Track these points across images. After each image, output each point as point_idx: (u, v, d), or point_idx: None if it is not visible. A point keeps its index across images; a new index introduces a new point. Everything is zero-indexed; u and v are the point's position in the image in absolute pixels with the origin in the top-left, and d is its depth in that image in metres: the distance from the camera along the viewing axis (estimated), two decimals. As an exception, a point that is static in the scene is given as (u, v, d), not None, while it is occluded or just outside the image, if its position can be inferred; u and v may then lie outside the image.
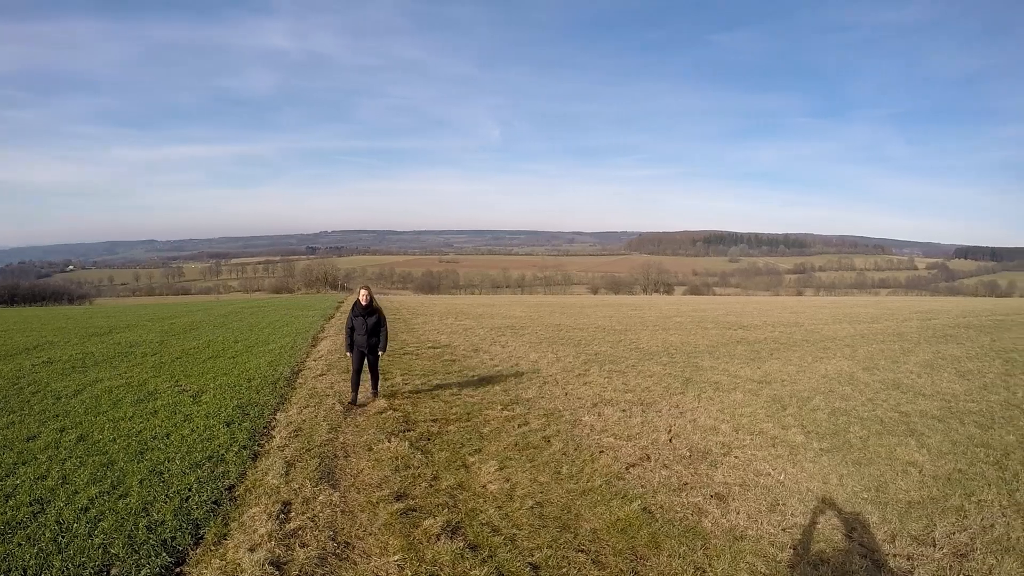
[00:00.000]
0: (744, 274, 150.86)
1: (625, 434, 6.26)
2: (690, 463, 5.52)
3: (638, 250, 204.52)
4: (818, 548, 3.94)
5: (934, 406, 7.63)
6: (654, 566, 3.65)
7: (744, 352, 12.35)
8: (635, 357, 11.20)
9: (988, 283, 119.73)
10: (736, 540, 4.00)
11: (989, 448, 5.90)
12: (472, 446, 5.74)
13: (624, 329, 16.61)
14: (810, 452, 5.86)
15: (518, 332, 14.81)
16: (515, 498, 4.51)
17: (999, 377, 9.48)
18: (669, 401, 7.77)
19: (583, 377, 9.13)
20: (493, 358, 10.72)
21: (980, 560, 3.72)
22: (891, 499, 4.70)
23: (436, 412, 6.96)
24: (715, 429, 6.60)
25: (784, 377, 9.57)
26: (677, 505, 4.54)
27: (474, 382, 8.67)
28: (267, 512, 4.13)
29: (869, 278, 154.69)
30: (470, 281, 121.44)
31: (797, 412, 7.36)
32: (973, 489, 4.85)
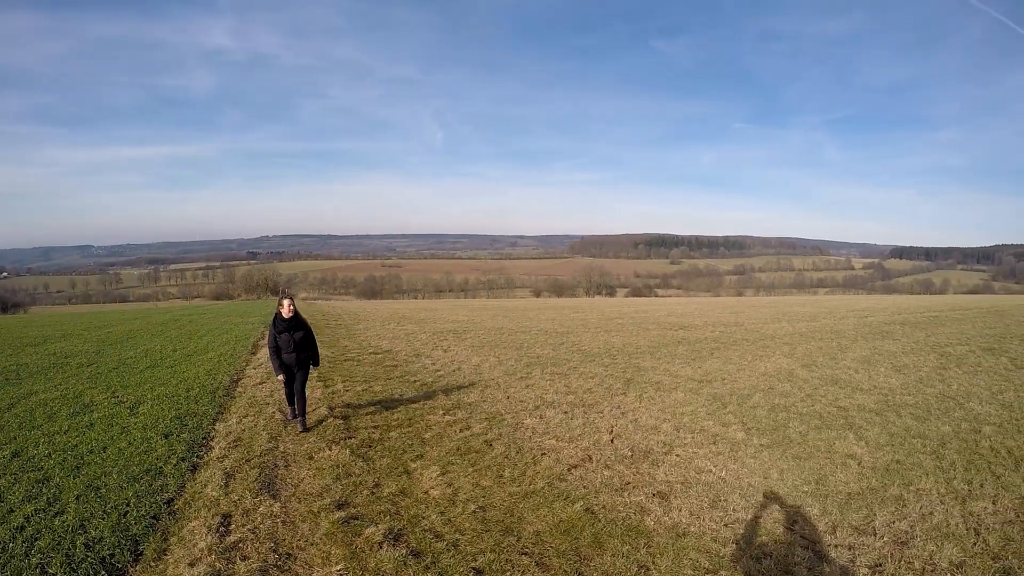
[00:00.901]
0: (685, 276, 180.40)
1: (567, 436, 7.48)
2: (632, 463, 6.58)
3: (580, 253, 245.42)
4: (760, 542, 4.87)
5: (871, 400, 9.38)
6: (598, 566, 4.38)
7: (685, 352, 14.38)
8: (577, 359, 13.17)
9: (923, 281, 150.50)
10: (679, 537, 4.87)
11: (926, 439, 7.45)
12: (414, 452, 6.77)
13: (566, 331, 19.03)
14: (751, 448, 7.11)
15: (460, 336, 17.26)
16: (458, 503, 5.35)
17: (934, 371, 11.72)
18: (611, 402, 9.27)
19: (525, 380, 10.80)
20: (435, 363, 12.57)
21: (920, 547, 4.71)
22: (831, 491, 5.87)
23: (377, 418, 8.23)
24: (656, 428, 7.86)
25: (725, 375, 11.35)
26: (619, 504, 5.46)
27: (416, 387, 10.17)
28: (207, 525, 4.81)
29: (808, 278, 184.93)
30: (413, 285, 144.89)
31: (737, 409, 8.83)
32: (911, 479, 6.15)
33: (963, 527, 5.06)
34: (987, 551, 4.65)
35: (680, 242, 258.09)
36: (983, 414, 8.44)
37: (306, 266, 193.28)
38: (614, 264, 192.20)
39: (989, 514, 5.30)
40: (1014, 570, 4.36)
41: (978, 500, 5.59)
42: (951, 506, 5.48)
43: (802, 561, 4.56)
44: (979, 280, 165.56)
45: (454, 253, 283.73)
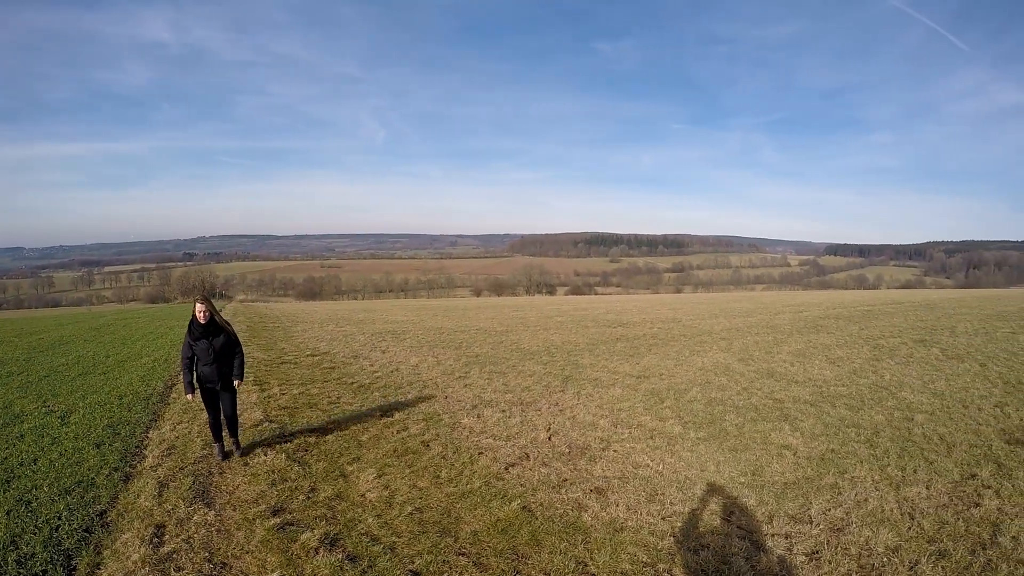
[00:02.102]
0: (625, 273, 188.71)
1: (504, 434, 7.71)
2: (569, 459, 6.77)
3: (520, 252, 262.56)
4: (698, 533, 5.05)
5: (806, 392, 9.82)
6: (536, 564, 4.49)
7: (623, 348, 14.85)
8: (516, 357, 13.52)
9: (857, 277, 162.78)
10: (616, 532, 5.02)
11: (860, 428, 7.85)
12: (351, 455, 6.91)
13: (505, 330, 19.51)
14: (687, 442, 7.37)
15: (399, 337, 17.60)
16: (394, 505, 5.49)
17: (867, 362, 12.35)
18: (549, 399, 9.50)
19: (463, 379, 11.11)
20: (373, 364, 12.84)
21: (856, 533, 4.96)
22: (767, 482, 6.13)
23: (314, 422, 8.33)
24: (594, 425, 8.10)
25: (662, 371, 11.72)
26: (557, 502, 5.62)
27: (353, 389, 10.35)
28: (140, 537, 4.86)
29: (745, 275, 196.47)
30: (352, 286, 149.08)
31: (674, 404, 9.13)
32: (846, 467, 6.47)
33: (898, 512, 5.34)
34: (922, 535, 4.91)
35: (620, 241, 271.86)
36: (915, 403, 8.94)
37: (244, 267, 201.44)
38: (554, 263, 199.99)
39: (923, 499, 5.61)
40: (949, 552, 4.62)
41: (912, 486, 5.90)
42: (886, 492, 5.78)
43: (739, 551, 4.72)
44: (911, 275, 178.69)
45: (394, 253, 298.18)
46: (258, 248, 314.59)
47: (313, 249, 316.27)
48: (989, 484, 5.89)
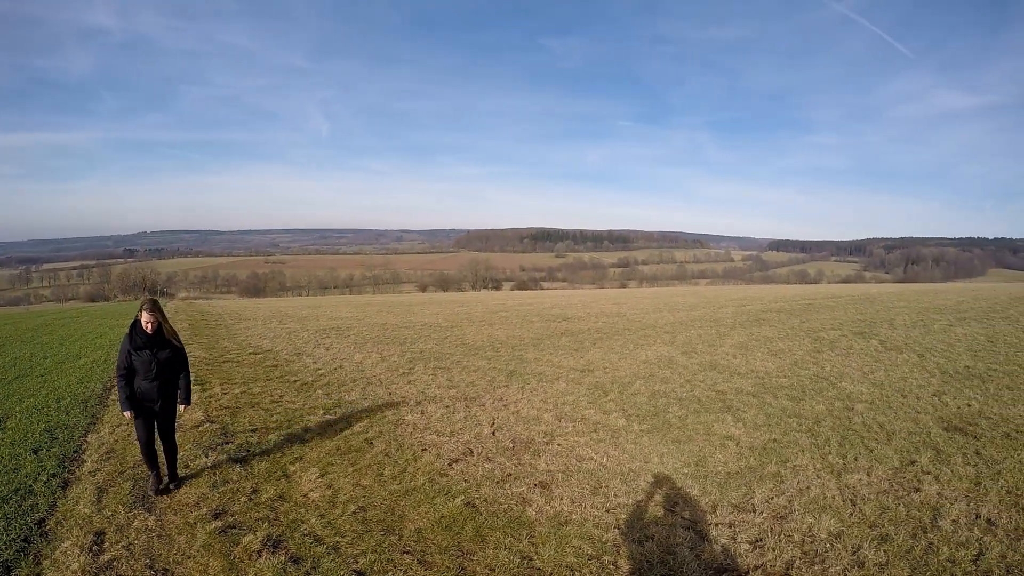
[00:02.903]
0: (570, 269, 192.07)
1: (448, 430, 7.78)
2: (513, 454, 6.86)
3: (466, 247, 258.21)
4: (643, 525, 5.14)
5: (749, 383, 10.10)
6: (481, 560, 4.54)
7: (568, 343, 15.05)
8: (460, 353, 13.68)
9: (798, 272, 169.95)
10: (561, 525, 5.10)
11: (801, 418, 8.12)
12: (293, 454, 6.92)
13: (450, 326, 19.67)
14: (631, 434, 7.52)
15: (343, 333, 17.72)
16: (337, 504, 5.53)
17: (808, 354, 12.76)
18: (493, 394, 9.58)
19: (407, 376, 11.22)
20: (316, 361, 12.93)
21: (799, 520, 5.16)
22: (710, 472, 6.30)
23: (256, 421, 8.27)
24: (538, 419, 8.20)
25: (606, 365, 11.89)
26: (501, 497, 5.70)
27: (296, 387, 10.38)
28: (80, 545, 4.80)
29: (689, 270, 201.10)
30: (297, 282, 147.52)
31: (618, 397, 9.29)
32: (788, 456, 6.69)
33: (840, 499, 5.54)
34: (864, 520, 5.10)
35: (566, 236, 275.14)
36: (855, 393, 9.27)
37: (186, 264, 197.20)
38: (500, 258, 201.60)
39: (864, 485, 5.83)
40: (891, 536, 4.80)
41: (853, 473, 6.13)
42: (827, 480, 5.98)
43: (684, 541, 4.82)
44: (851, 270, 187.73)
45: (339, 248, 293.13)
46: (201, 244, 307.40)
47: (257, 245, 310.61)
48: (928, 470, 6.15)
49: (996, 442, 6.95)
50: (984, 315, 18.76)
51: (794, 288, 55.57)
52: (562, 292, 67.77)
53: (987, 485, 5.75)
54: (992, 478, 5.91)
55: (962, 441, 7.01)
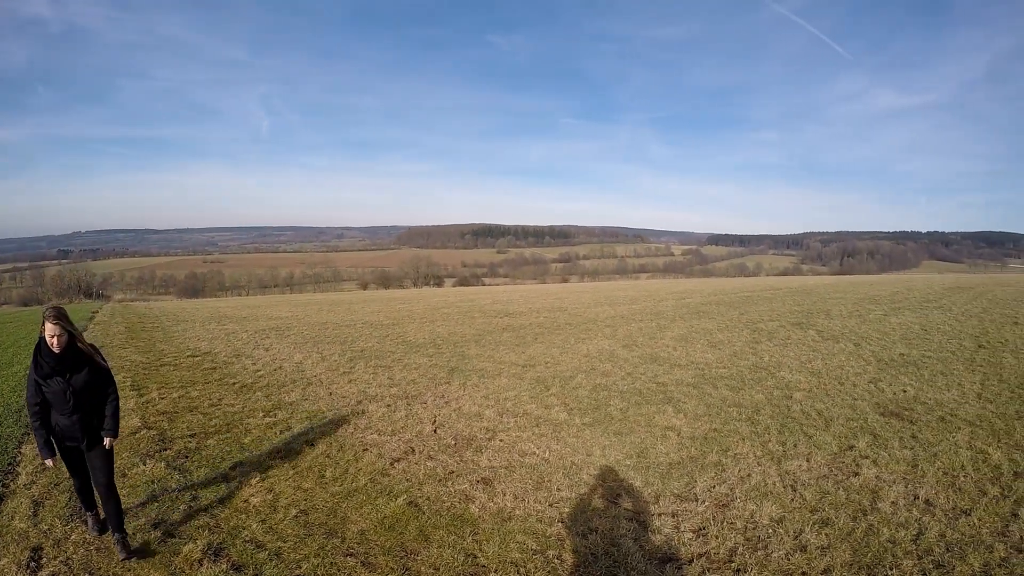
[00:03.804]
0: (512, 264, 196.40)
1: (389, 429, 7.79)
2: (455, 451, 6.89)
3: (408, 244, 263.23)
4: (586, 518, 5.20)
5: (689, 374, 10.34)
6: (425, 559, 4.55)
7: (510, 338, 15.18)
8: (402, 350, 13.69)
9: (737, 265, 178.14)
10: (504, 521, 5.14)
11: (741, 407, 8.36)
12: (232, 459, 6.83)
13: (391, 323, 19.70)
14: (573, 428, 7.61)
15: (283, 333, 17.65)
16: (279, 509, 5.50)
17: (747, 345, 13.14)
18: (435, 392, 9.62)
19: (348, 375, 11.21)
20: (256, 363, 12.85)
21: (741, 507, 5.32)
22: (652, 463, 6.43)
23: (194, 426, 8.14)
24: (480, 415, 8.25)
25: (548, 359, 12.02)
26: (444, 495, 5.71)
27: (235, 390, 10.26)
28: (16, 562, 4.68)
29: (630, 264, 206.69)
30: (236, 282, 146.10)
31: (560, 391, 9.39)
32: (729, 445, 6.88)
33: (780, 485, 5.72)
34: (805, 505, 5.28)
35: (508, 232, 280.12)
36: (793, 382, 9.60)
37: (122, 264, 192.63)
38: (442, 254, 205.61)
39: (804, 471, 6.03)
40: (832, 520, 4.98)
41: (793, 459, 6.34)
42: (768, 467, 6.17)
43: (628, 533, 4.91)
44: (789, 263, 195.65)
45: (279, 247, 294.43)
46: (137, 243, 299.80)
47: (195, 244, 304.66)
48: (866, 454, 6.42)
49: (931, 426, 7.31)
50: (918, 305, 19.74)
51: (733, 281, 57.26)
52: (504, 288, 68.19)
53: (924, 467, 6.03)
54: (929, 460, 6.20)
55: (898, 426, 7.34)
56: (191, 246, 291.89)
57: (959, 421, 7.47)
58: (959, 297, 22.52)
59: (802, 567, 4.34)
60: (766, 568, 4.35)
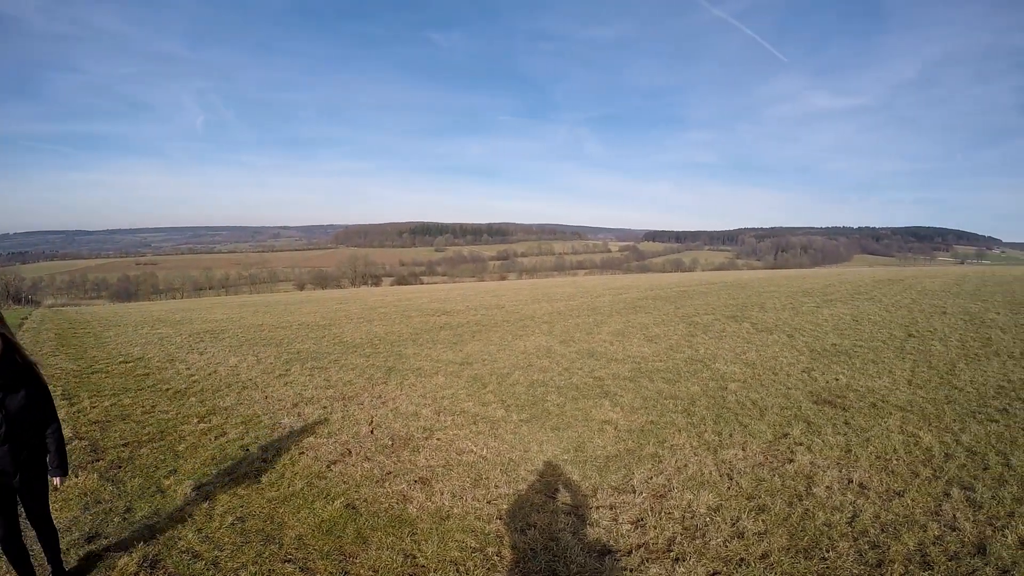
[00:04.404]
0: (450, 262, 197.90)
1: (326, 431, 7.78)
2: (392, 451, 6.87)
3: (345, 243, 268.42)
4: (524, 514, 5.23)
5: (625, 368, 10.52)
6: (364, 562, 4.54)
7: (447, 336, 15.18)
8: (338, 351, 13.64)
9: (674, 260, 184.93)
10: (443, 520, 5.16)
11: (677, 399, 8.53)
12: (167, 467, 6.71)
13: (328, 324, 19.56)
14: (510, 424, 7.66)
15: (218, 336, 17.46)
16: (215, 517, 5.43)
17: (683, 338, 13.42)
18: (371, 392, 9.59)
19: (284, 378, 11.13)
20: (190, 367, 12.62)
21: (678, 497, 5.45)
22: (590, 457, 6.52)
23: (127, 435, 7.95)
24: (417, 414, 8.25)
25: (485, 357, 12.06)
26: (381, 496, 5.70)
27: (169, 396, 10.07)
28: None
29: (568, 261, 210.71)
30: (170, 284, 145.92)
31: (497, 388, 9.44)
32: (665, 437, 7.03)
33: (717, 474, 5.86)
34: (741, 493, 5.42)
35: (445, 230, 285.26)
36: (728, 373, 9.83)
37: (52, 267, 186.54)
38: (380, 253, 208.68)
39: (740, 460, 6.19)
40: (768, 506, 5.12)
41: (729, 448, 6.50)
42: (704, 457, 6.32)
43: (566, 527, 4.95)
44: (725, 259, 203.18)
45: (214, 247, 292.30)
46: (67, 245, 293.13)
47: (127, 245, 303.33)
48: (801, 441, 6.63)
49: (863, 412, 7.60)
50: (849, 297, 20.48)
51: (670, 276, 58.44)
52: (442, 286, 68.13)
53: (857, 452, 6.26)
54: (861, 445, 6.45)
55: (831, 413, 7.60)
56: (123, 248, 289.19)
57: (890, 407, 7.78)
58: (889, 289, 23.40)
59: (740, 553, 4.44)
60: (704, 556, 4.43)
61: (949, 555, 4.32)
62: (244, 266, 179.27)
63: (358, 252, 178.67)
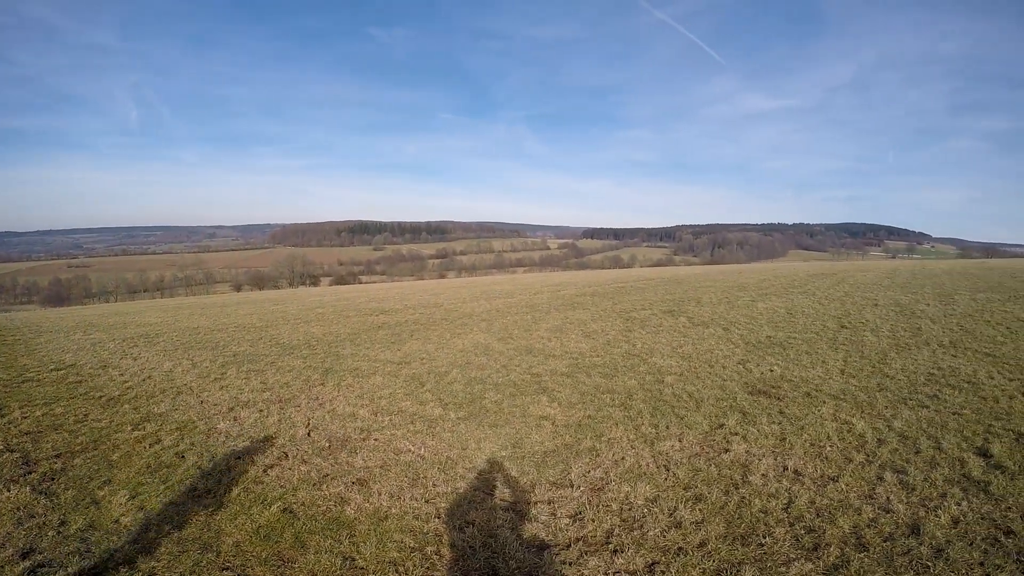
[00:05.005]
0: (389, 261, 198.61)
1: (262, 435, 7.70)
2: (330, 453, 6.83)
3: (282, 242, 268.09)
4: (463, 512, 5.26)
5: (563, 364, 10.63)
6: (302, 567, 4.53)
7: (385, 336, 15.10)
8: (275, 353, 13.49)
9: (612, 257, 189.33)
10: (381, 521, 5.15)
11: (614, 393, 8.67)
12: (101, 477, 6.57)
13: (265, 326, 19.38)
14: (448, 423, 7.67)
15: (152, 341, 17.13)
16: (151, 527, 5.36)
17: (620, 333, 13.65)
18: (308, 394, 9.51)
19: (220, 381, 10.94)
20: (123, 373, 12.31)
21: (616, 490, 5.54)
22: (528, 452, 6.59)
23: (60, 445, 7.79)
24: (354, 415, 8.21)
25: (423, 355, 12.03)
26: (319, 499, 5.67)
27: (102, 403, 9.85)
28: None
29: (507, 259, 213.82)
30: (104, 287, 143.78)
31: (435, 387, 9.43)
32: (603, 431, 7.13)
33: (654, 466, 5.97)
34: (678, 483, 5.54)
35: (384, 228, 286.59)
36: (665, 366, 10.02)
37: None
38: (318, 253, 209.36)
39: (677, 451, 6.32)
40: (705, 496, 5.24)
41: (665, 440, 6.63)
42: (641, 449, 6.43)
43: (505, 523, 4.98)
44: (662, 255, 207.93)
45: (148, 248, 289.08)
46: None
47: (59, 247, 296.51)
48: (736, 431, 6.81)
49: (798, 401, 7.85)
50: (784, 290, 21.10)
51: (608, 273, 59.21)
52: (381, 285, 67.77)
53: (792, 440, 6.46)
54: (796, 433, 6.65)
55: (766, 403, 7.82)
56: (55, 249, 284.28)
57: (824, 396, 8.04)
58: (823, 283, 24.13)
59: (678, 543, 4.53)
60: (643, 546, 4.51)
61: (884, 536, 4.48)
62: (179, 267, 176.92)
63: (296, 252, 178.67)
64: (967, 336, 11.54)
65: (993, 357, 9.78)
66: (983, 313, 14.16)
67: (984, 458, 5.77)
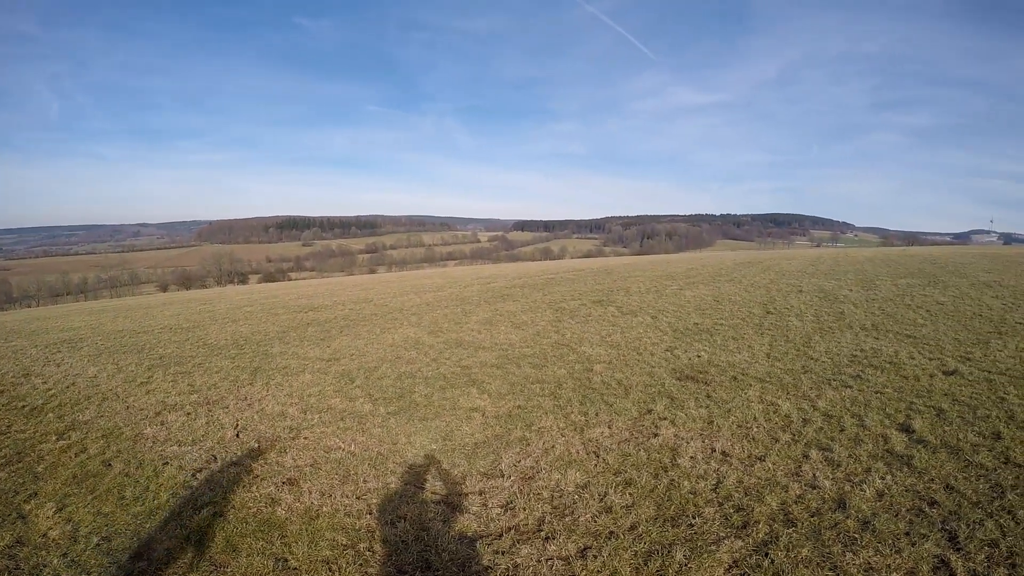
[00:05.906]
0: (318, 257, 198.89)
1: (190, 439, 7.58)
2: (259, 454, 6.77)
3: (209, 240, 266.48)
4: (395, 506, 5.27)
5: (493, 356, 10.70)
6: (235, 570, 4.50)
7: (315, 333, 14.95)
8: (203, 354, 13.23)
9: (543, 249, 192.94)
10: (312, 520, 5.14)
11: (544, 383, 8.77)
12: (27, 490, 6.42)
13: (192, 326, 18.97)
14: (378, 418, 7.66)
15: (76, 346, 16.59)
16: (79, 539, 5.24)
17: (550, 324, 13.79)
18: (237, 395, 9.38)
19: (146, 385, 10.74)
20: (46, 381, 12.04)
21: (546, 478, 5.63)
22: (458, 445, 6.65)
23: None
24: (283, 414, 8.14)
25: (353, 352, 11.94)
26: (249, 501, 5.62)
27: (25, 413, 9.65)
28: None
29: (437, 252, 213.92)
30: (25, 291, 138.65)
31: (364, 382, 9.38)
32: (533, 420, 7.22)
33: (584, 453, 6.08)
34: (608, 469, 5.65)
35: (313, 224, 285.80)
36: (594, 355, 10.18)
37: None
38: (245, 250, 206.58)
39: (606, 437, 6.45)
40: (635, 480, 5.36)
41: (595, 427, 6.75)
42: (571, 437, 6.54)
43: (436, 516, 5.01)
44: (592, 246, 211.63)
45: (70, 249, 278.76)
46: None
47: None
48: (664, 416, 6.98)
49: (725, 385, 8.09)
50: (711, 279, 21.69)
51: (538, 264, 59.75)
52: (310, 281, 66.69)
53: (719, 423, 6.67)
54: (723, 416, 6.87)
55: (694, 388, 8.04)
56: None
57: (750, 379, 8.31)
58: (749, 271, 24.86)
59: (609, 527, 4.63)
60: (574, 532, 4.59)
61: (811, 512, 4.66)
62: (103, 268, 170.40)
63: (222, 249, 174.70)
64: (889, 319, 12.08)
65: (914, 338, 10.25)
66: (904, 297, 14.87)
67: (907, 434, 6.05)
